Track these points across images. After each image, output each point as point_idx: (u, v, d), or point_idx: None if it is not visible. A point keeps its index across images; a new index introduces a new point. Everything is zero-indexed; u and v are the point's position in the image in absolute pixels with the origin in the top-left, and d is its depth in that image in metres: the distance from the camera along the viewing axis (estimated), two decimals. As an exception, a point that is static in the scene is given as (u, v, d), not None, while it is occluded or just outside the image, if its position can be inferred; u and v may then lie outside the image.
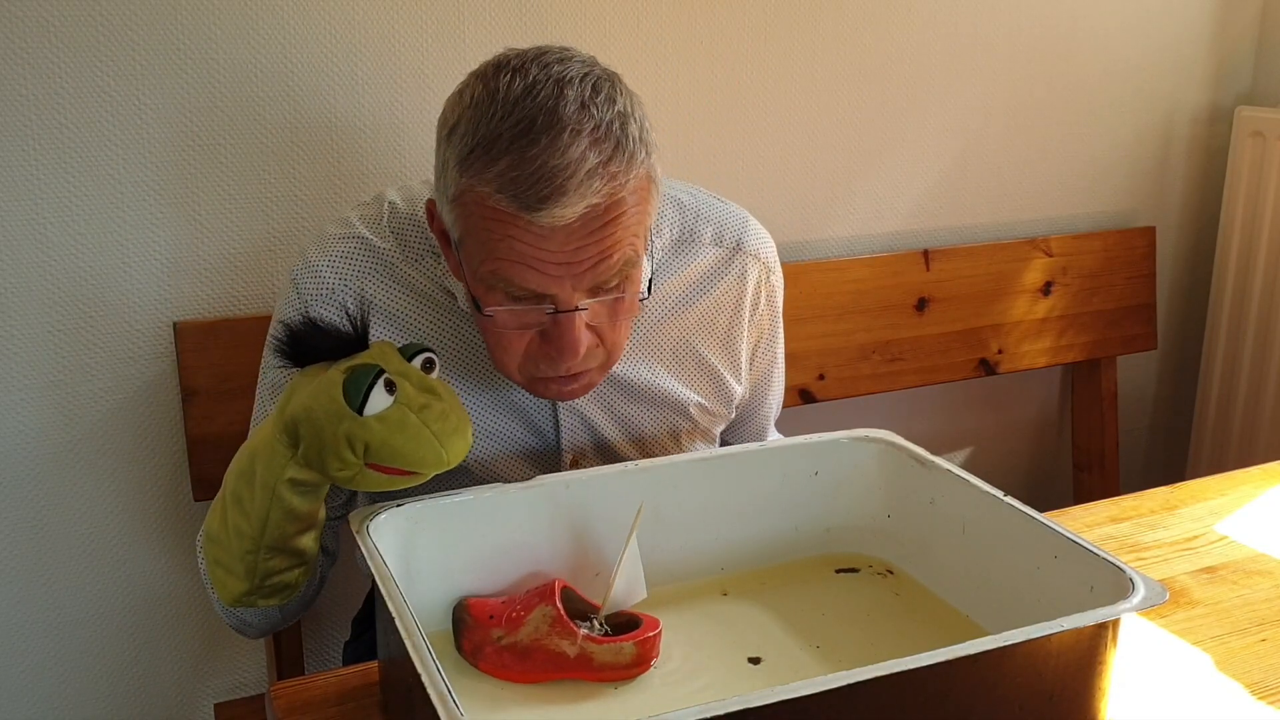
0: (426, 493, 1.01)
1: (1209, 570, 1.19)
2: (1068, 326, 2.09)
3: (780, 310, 1.34)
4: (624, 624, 0.98)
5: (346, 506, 1.22)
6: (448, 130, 1.04)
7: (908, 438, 1.15)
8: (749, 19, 1.75)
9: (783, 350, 1.38)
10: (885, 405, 2.05)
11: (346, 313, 1.13)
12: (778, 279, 1.32)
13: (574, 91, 1.00)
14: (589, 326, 1.05)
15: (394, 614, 0.82)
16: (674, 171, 1.75)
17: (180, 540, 1.56)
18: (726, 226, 1.27)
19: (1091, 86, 2.08)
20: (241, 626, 1.13)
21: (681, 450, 1.27)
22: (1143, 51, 2.11)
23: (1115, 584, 0.89)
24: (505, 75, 1.01)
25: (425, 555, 0.99)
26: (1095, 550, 0.93)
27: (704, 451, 1.16)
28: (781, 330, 1.36)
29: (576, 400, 1.19)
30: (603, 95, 1.02)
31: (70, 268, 1.42)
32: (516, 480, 1.06)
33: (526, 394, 1.18)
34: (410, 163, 1.56)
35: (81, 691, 1.56)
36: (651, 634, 0.96)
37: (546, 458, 1.21)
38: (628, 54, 1.67)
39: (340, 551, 1.23)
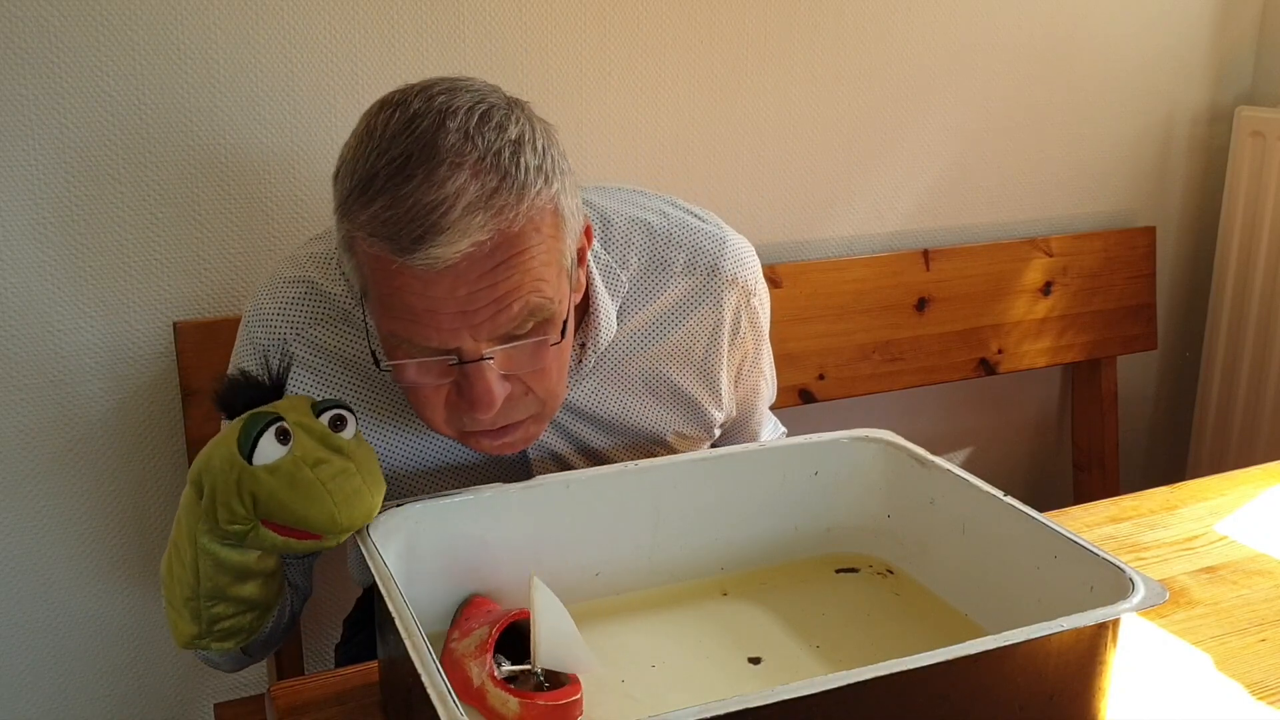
0: (425, 493, 1.01)
1: (1209, 570, 1.19)
2: (1068, 326, 2.09)
3: (765, 328, 1.28)
4: (558, 678, 0.91)
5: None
6: (334, 175, 0.97)
7: (908, 438, 1.15)
8: (749, 19, 1.75)
9: (769, 361, 1.33)
10: (885, 405, 2.05)
11: (265, 362, 1.08)
12: (759, 300, 1.25)
13: (457, 122, 0.92)
14: (509, 376, 0.98)
15: (394, 614, 0.82)
16: (674, 171, 1.75)
17: (180, 540, 1.56)
18: (700, 251, 1.19)
19: (1092, 86, 2.08)
20: (209, 664, 1.10)
21: None
22: (1143, 52, 2.11)
23: (1115, 584, 0.89)
24: (387, 111, 0.94)
25: (425, 555, 0.99)
26: (1095, 550, 0.93)
27: (704, 451, 1.16)
28: (767, 345, 1.31)
29: (545, 440, 1.15)
30: (492, 123, 0.93)
31: (70, 268, 1.42)
32: None
33: None
34: (410, 163, 1.56)
35: (81, 691, 1.56)
36: (547, 703, 0.86)
37: None
38: (627, 54, 1.67)
39: (311, 585, 1.20)
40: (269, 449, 0.89)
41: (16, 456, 1.45)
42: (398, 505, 0.98)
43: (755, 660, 1.00)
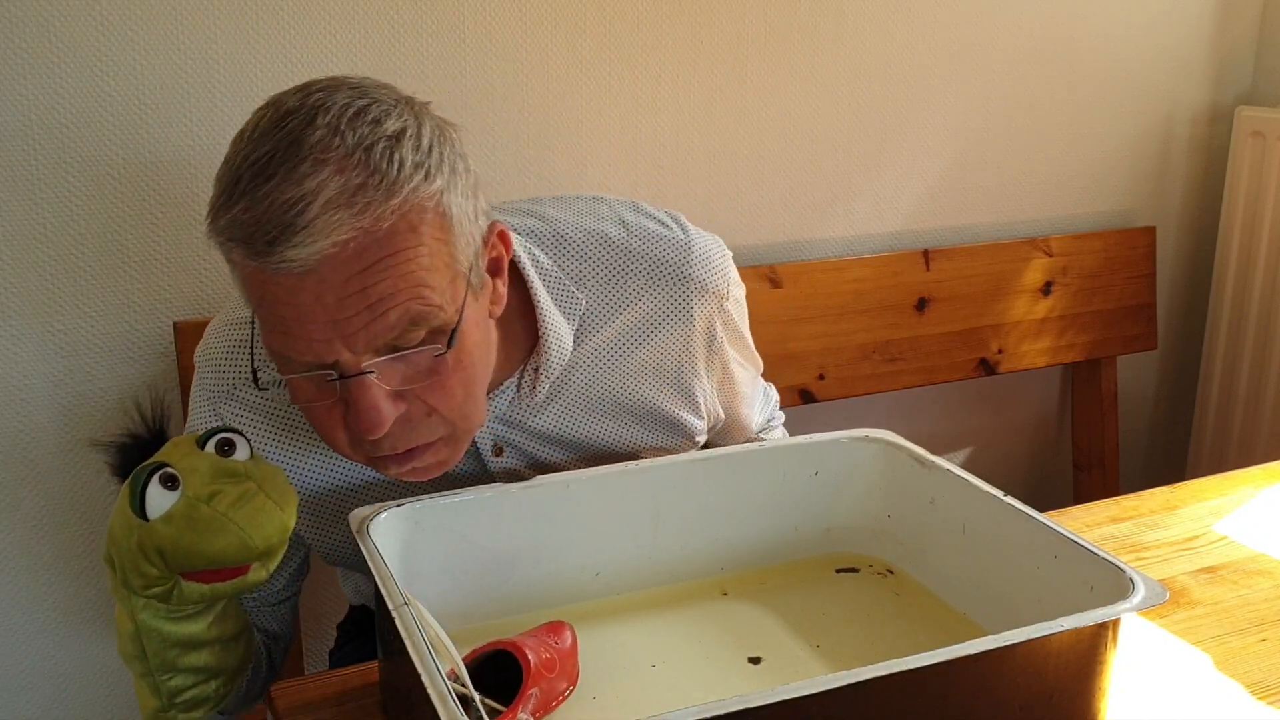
0: (425, 493, 1.01)
1: (1209, 570, 1.19)
2: (1068, 326, 2.09)
3: (743, 329, 1.21)
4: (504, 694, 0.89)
5: (292, 585, 1.15)
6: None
7: (907, 438, 1.15)
8: (750, 19, 1.75)
9: (753, 357, 1.26)
10: (885, 405, 2.05)
11: (139, 411, 0.99)
12: (734, 302, 1.17)
13: (329, 117, 0.85)
14: (402, 393, 0.90)
15: (394, 614, 0.82)
16: (674, 171, 1.75)
17: (180, 540, 1.56)
18: (663, 261, 1.11)
19: (1092, 86, 2.08)
20: None
21: None
22: (1143, 51, 2.11)
23: (1115, 584, 0.89)
24: (261, 111, 0.88)
25: (425, 555, 0.99)
26: (1095, 550, 0.93)
27: (704, 451, 1.16)
28: (748, 343, 1.23)
29: (510, 466, 1.10)
30: (368, 118, 0.86)
31: (70, 268, 1.42)
32: None
33: (461, 464, 1.08)
34: (410, 163, 1.56)
35: (81, 691, 1.56)
36: None
37: None
38: (628, 54, 1.67)
39: (293, 631, 1.16)
40: (159, 499, 0.85)
41: (16, 456, 1.45)
42: (398, 505, 0.98)
43: (755, 660, 1.00)
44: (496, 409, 1.07)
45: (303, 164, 0.83)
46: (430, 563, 1.00)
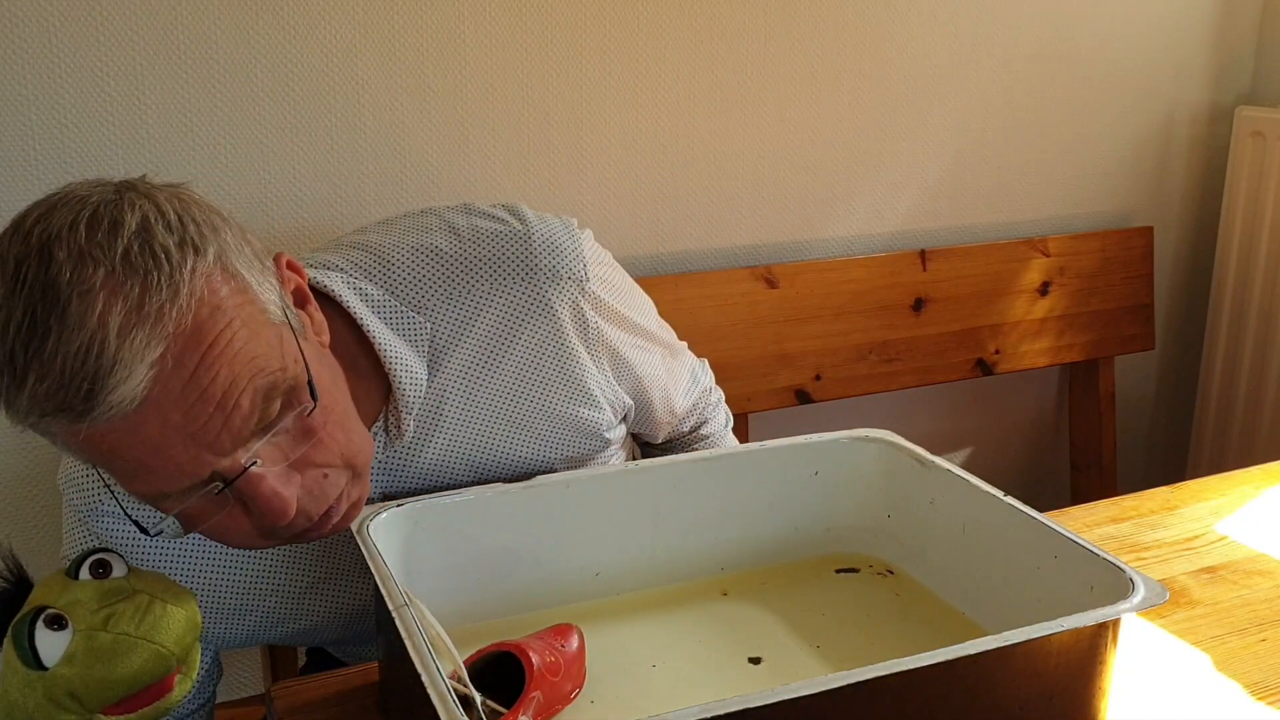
0: (426, 493, 1.00)
1: (1209, 570, 1.19)
2: (1066, 327, 2.09)
3: (622, 308, 1.12)
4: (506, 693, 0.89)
5: (206, 688, 1.10)
6: None
7: (905, 438, 1.15)
8: (749, 19, 1.75)
9: (651, 336, 1.17)
10: (882, 406, 2.05)
11: (87, 528, 0.95)
12: (599, 283, 1.08)
13: (64, 249, 0.75)
14: (291, 465, 0.84)
15: (394, 614, 0.82)
16: (674, 171, 1.75)
17: (179, 540, 1.56)
18: (504, 260, 1.03)
19: (1091, 86, 2.08)
20: None
21: None
22: (1143, 51, 2.11)
23: (1115, 584, 0.89)
24: None
25: (425, 555, 0.99)
26: (1095, 550, 0.93)
27: (704, 452, 1.16)
28: (634, 322, 1.14)
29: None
30: (103, 226, 0.76)
31: (69, 268, 1.42)
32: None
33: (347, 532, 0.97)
34: (410, 163, 1.56)
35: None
36: None
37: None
38: (628, 54, 1.67)
39: None
40: (51, 643, 0.77)
41: (16, 456, 1.45)
42: (398, 505, 0.98)
43: (755, 660, 1.00)
44: (373, 461, 0.99)
45: (69, 306, 0.73)
46: (430, 563, 1.00)
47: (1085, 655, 0.86)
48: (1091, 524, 1.28)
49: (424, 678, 0.75)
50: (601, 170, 1.70)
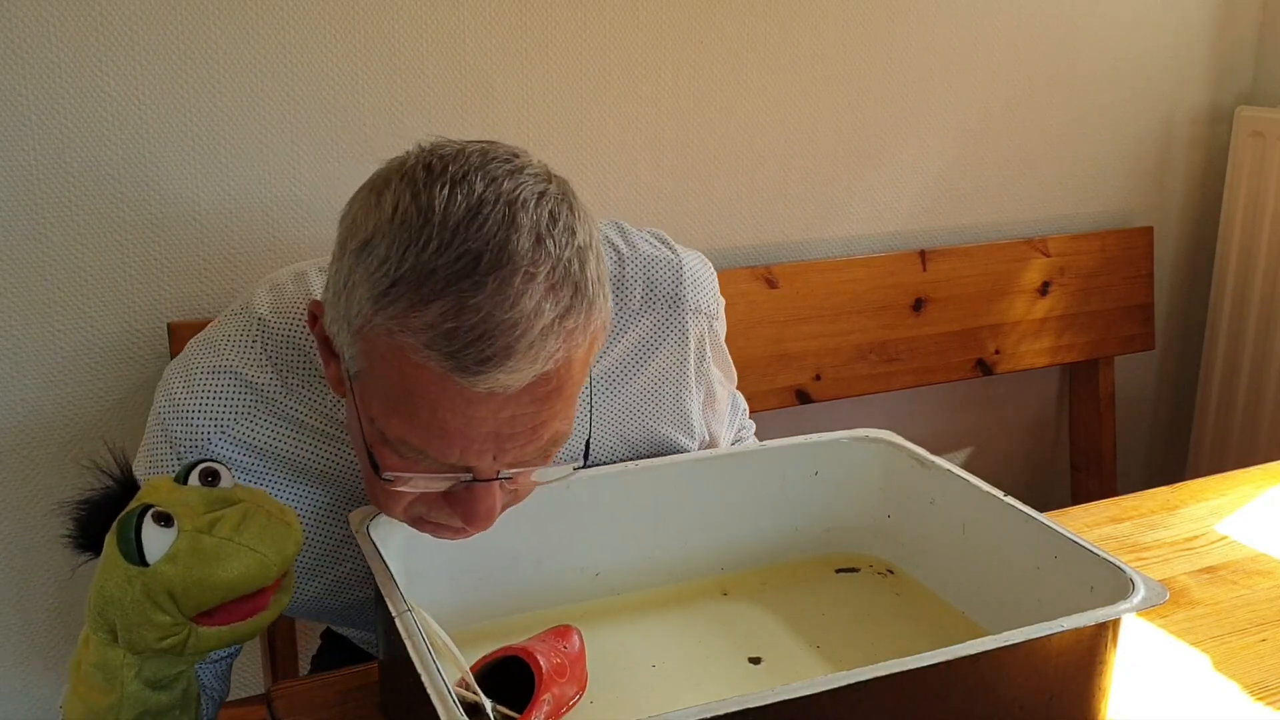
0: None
1: (1209, 570, 1.19)
2: (1066, 327, 2.09)
3: (724, 347, 1.21)
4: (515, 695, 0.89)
5: (229, 657, 1.09)
6: (359, 244, 0.82)
7: (905, 438, 1.15)
8: (749, 18, 1.75)
9: (731, 372, 1.25)
10: (882, 406, 2.05)
11: (97, 466, 0.93)
12: (720, 323, 1.17)
13: (529, 219, 0.79)
14: (505, 488, 0.89)
15: (394, 614, 0.82)
16: (674, 171, 1.75)
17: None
18: (657, 282, 1.10)
19: (1091, 86, 2.08)
20: None
21: None
22: (1143, 51, 2.11)
23: (1115, 584, 0.89)
24: (442, 187, 0.80)
25: (425, 555, 0.99)
26: (1095, 550, 0.93)
27: (704, 452, 1.16)
28: (728, 360, 1.23)
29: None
30: (561, 224, 0.81)
31: (70, 268, 1.42)
32: None
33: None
34: (410, 163, 1.56)
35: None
36: None
37: None
38: (627, 53, 1.67)
39: (226, 689, 1.10)
40: (157, 539, 0.79)
41: (15, 456, 1.45)
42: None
43: (755, 660, 1.00)
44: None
45: (516, 276, 0.77)
46: (430, 563, 1.00)
47: (1085, 655, 0.86)
48: (1091, 524, 1.28)
49: (424, 678, 0.75)
50: (601, 171, 1.70)
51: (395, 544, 0.96)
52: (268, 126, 1.48)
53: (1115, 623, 0.86)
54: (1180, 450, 2.40)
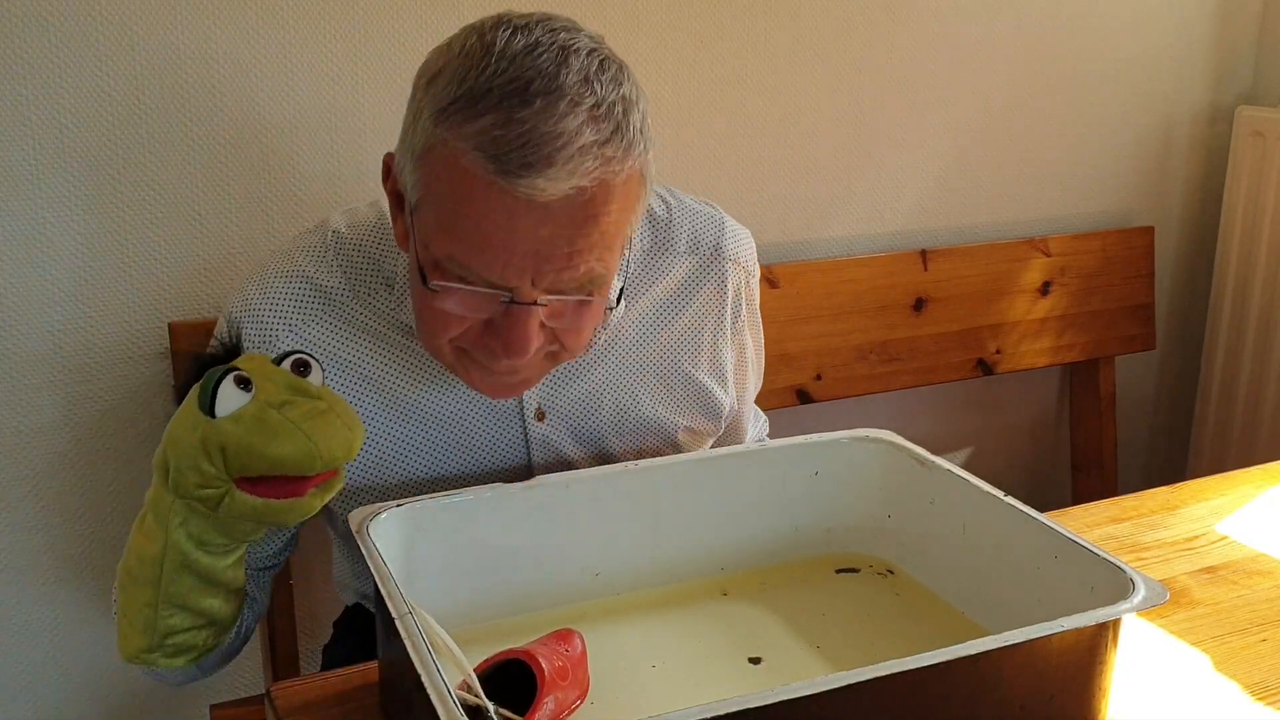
0: (425, 493, 1.00)
1: (1209, 570, 1.19)
2: (1066, 327, 2.09)
3: (759, 313, 1.30)
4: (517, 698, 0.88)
5: (280, 554, 1.17)
6: (428, 79, 0.93)
7: (905, 439, 1.15)
8: (749, 18, 1.75)
9: (761, 356, 1.33)
10: (882, 406, 2.05)
11: (216, 335, 1.03)
12: (756, 282, 1.26)
13: (579, 62, 0.90)
14: (545, 325, 0.97)
15: (394, 615, 0.82)
16: (674, 171, 1.75)
17: (179, 540, 1.56)
18: (702, 231, 1.20)
19: (1091, 86, 2.08)
20: (153, 678, 1.04)
21: None
22: (1143, 51, 2.11)
23: (1115, 584, 0.89)
24: (505, 30, 0.91)
25: (425, 555, 0.99)
26: (1095, 550, 0.93)
27: (704, 451, 1.16)
28: (760, 334, 1.31)
29: (551, 439, 1.13)
30: (609, 75, 0.92)
31: (70, 268, 1.42)
32: None
33: (493, 426, 1.11)
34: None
35: (80, 692, 1.56)
36: None
37: None
38: (627, 53, 1.66)
39: (268, 603, 1.17)
40: (231, 398, 0.85)
41: (14, 456, 1.45)
42: (398, 505, 0.98)
43: (755, 660, 1.00)
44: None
45: (562, 100, 0.87)
46: (430, 563, 1.00)
47: (1085, 655, 0.86)
48: (1092, 524, 1.28)
49: (424, 678, 0.75)
50: (602, 170, 1.70)
51: (395, 544, 0.96)
52: (267, 126, 1.48)
53: (1115, 623, 0.86)
54: (1180, 450, 2.40)
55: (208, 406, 0.85)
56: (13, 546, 1.48)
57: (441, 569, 1.00)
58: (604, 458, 1.16)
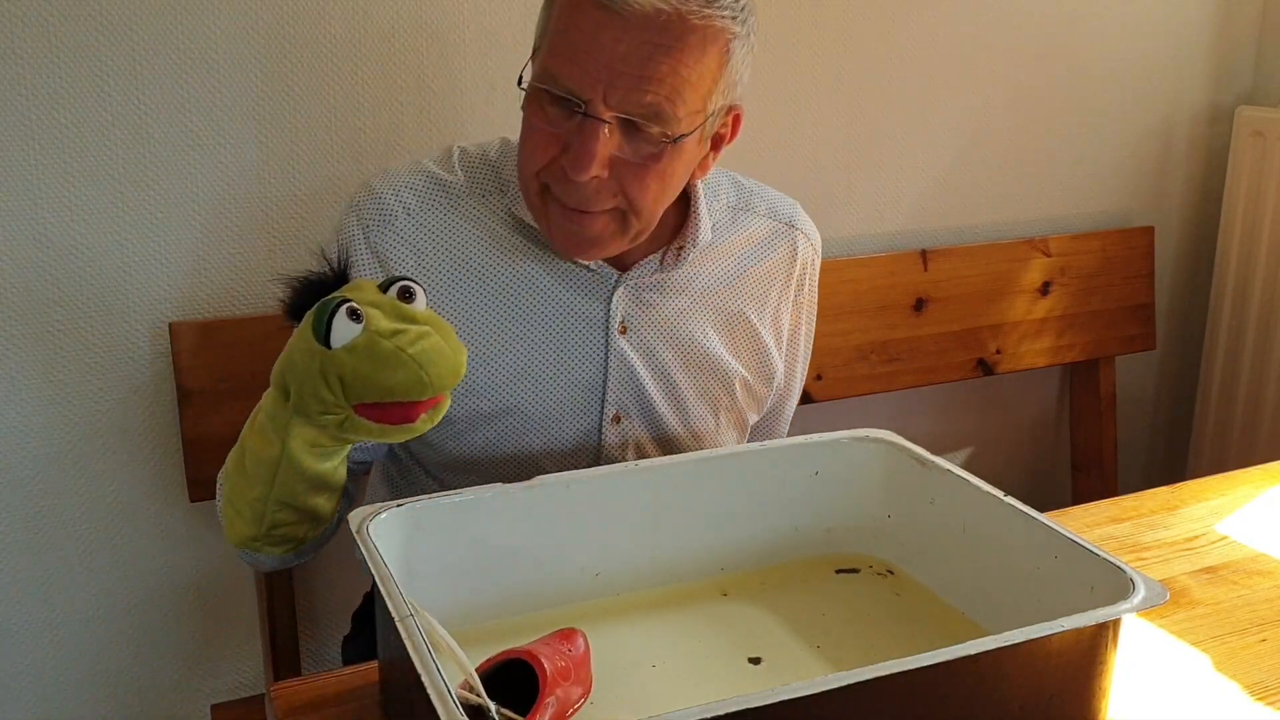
0: (426, 493, 1.00)
1: (1209, 570, 1.19)
2: (1066, 327, 2.09)
3: (816, 302, 1.38)
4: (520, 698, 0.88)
5: (376, 453, 1.23)
6: None
7: (906, 439, 1.15)
8: (748, 19, 1.75)
9: (809, 349, 1.40)
10: (883, 406, 2.05)
11: (324, 255, 1.08)
12: (818, 269, 1.35)
13: None
14: (610, 162, 1.06)
15: (394, 614, 0.82)
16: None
17: (177, 540, 1.56)
18: (779, 205, 1.31)
19: (1091, 86, 2.08)
20: (252, 561, 1.10)
21: (718, 431, 1.28)
22: (1143, 51, 2.11)
23: (1115, 584, 0.89)
24: None
25: (425, 555, 0.99)
26: (1095, 550, 0.93)
27: (704, 452, 1.16)
28: (814, 321, 1.39)
29: (628, 355, 1.19)
30: None
31: (70, 268, 1.42)
32: (550, 432, 1.12)
33: (582, 330, 1.18)
34: (410, 163, 1.56)
35: (79, 692, 1.56)
36: None
37: (588, 411, 1.20)
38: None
39: (360, 497, 1.24)
40: (344, 329, 0.90)
41: (15, 456, 1.45)
42: (398, 505, 0.98)
43: (755, 660, 1.00)
44: (637, 278, 1.20)
45: None
46: (431, 563, 1.00)
47: (1085, 655, 0.86)
48: (1092, 524, 1.28)
49: (424, 677, 0.75)
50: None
51: (395, 544, 0.96)
52: (267, 126, 1.48)
53: (1115, 623, 0.86)
54: (1180, 450, 2.40)
55: (323, 337, 0.90)
56: (12, 546, 1.48)
57: (442, 569, 1.00)
58: (672, 392, 1.23)
